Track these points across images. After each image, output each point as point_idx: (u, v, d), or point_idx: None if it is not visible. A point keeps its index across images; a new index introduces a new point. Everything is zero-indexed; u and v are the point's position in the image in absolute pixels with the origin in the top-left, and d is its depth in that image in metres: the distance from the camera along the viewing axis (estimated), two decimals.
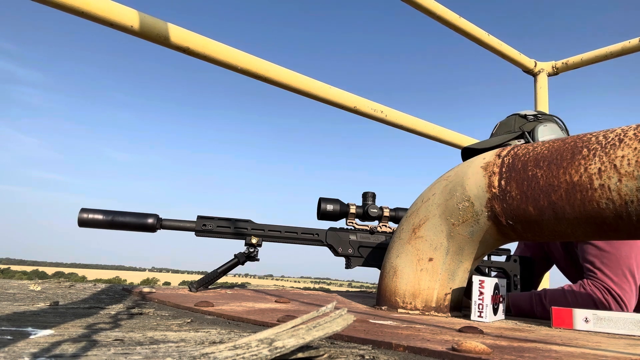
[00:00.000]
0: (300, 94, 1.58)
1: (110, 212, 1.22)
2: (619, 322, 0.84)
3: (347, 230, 1.42)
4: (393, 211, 1.43)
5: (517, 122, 1.43)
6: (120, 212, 1.23)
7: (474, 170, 1.00)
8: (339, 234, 1.40)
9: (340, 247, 1.39)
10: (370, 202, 1.42)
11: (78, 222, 1.21)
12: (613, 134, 0.83)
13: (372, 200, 1.42)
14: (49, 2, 1.07)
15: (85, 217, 1.20)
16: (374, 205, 1.41)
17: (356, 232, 1.42)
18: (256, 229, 1.34)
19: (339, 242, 1.39)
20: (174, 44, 1.27)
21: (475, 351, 0.53)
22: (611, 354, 0.59)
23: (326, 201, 1.38)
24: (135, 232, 1.27)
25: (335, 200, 1.39)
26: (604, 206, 0.81)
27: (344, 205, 1.40)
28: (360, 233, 1.42)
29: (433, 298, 1.00)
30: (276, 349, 0.40)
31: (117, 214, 1.23)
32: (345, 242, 1.40)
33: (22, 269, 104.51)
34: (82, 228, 1.23)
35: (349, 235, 1.41)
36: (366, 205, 1.41)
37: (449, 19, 1.88)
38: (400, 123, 1.88)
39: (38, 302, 0.95)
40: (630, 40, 2.05)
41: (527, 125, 1.39)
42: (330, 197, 1.39)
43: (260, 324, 0.78)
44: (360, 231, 1.42)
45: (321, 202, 1.38)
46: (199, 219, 1.30)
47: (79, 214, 1.20)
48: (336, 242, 1.39)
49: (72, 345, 0.51)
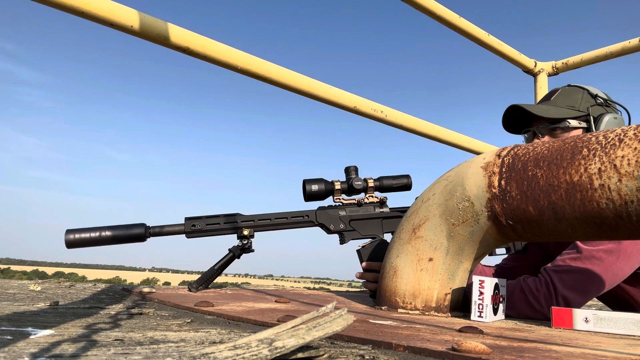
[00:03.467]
0: (300, 94, 1.58)
1: (97, 228, 1.20)
2: (619, 322, 0.84)
3: (336, 207, 1.42)
4: (377, 181, 1.43)
5: (584, 99, 1.27)
6: (107, 227, 1.21)
7: (474, 170, 1.00)
8: (328, 212, 1.41)
9: (331, 225, 1.39)
10: (353, 175, 1.42)
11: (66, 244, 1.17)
12: (613, 134, 0.83)
13: (355, 173, 1.43)
14: (49, 2, 1.07)
15: (72, 237, 1.18)
16: (357, 177, 1.41)
17: (344, 207, 1.42)
18: (246, 220, 1.34)
19: (329, 220, 1.40)
20: (174, 44, 1.27)
21: (475, 351, 0.53)
22: (611, 354, 0.59)
23: (310, 182, 1.38)
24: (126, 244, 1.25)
25: (319, 179, 1.39)
26: (604, 206, 0.81)
27: (329, 183, 1.40)
28: (348, 207, 1.42)
29: (433, 298, 1.00)
30: (276, 349, 0.40)
31: (104, 229, 1.21)
32: (336, 218, 1.40)
33: (22, 269, 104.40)
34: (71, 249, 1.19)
35: (338, 211, 1.41)
36: (350, 180, 1.41)
37: (449, 19, 1.88)
38: (400, 123, 1.88)
39: (38, 302, 0.95)
40: (630, 40, 2.05)
41: (595, 108, 1.25)
42: (313, 178, 1.39)
43: (260, 324, 0.78)
44: (348, 205, 1.43)
45: (305, 183, 1.38)
46: (187, 221, 1.30)
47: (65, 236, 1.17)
48: (327, 220, 1.40)
49: (72, 345, 0.51)
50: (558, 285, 1.05)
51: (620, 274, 1.09)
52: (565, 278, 1.06)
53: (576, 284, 1.05)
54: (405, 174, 1.47)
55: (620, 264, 1.07)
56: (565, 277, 1.06)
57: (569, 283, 1.06)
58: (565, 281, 1.06)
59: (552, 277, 1.07)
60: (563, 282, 1.06)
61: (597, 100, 1.27)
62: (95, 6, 1.12)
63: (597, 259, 1.07)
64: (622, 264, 1.07)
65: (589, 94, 1.29)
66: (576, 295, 1.05)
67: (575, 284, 1.05)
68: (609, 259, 1.07)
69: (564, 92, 1.32)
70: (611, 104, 1.28)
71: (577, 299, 1.06)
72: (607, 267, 1.07)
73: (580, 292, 1.05)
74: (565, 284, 1.05)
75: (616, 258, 1.07)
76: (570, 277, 1.06)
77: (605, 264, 1.07)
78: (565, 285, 1.05)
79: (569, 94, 1.31)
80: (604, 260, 1.07)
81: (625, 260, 1.08)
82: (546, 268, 1.10)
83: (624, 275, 1.10)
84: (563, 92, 1.33)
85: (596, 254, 1.07)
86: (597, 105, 1.26)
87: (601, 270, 1.07)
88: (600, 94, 1.30)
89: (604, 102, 1.27)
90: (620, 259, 1.08)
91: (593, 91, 1.30)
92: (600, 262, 1.07)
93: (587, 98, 1.28)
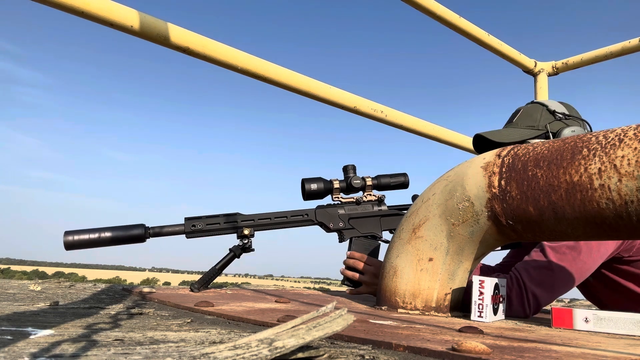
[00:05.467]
0: (300, 94, 1.58)
1: (96, 229, 1.20)
2: (619, 322, 0.84)
3: (335, 206, 1.44)
4: (375, 179, 1.45)
5: (543, 116, 1.31)
6: (106, 228, 1.21)
7: (474, 171, 1.00)
8: (328, 210, 1.42)
9: (331, 223, 1.41)
10: (351, 174, 1.44)
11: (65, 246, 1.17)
12: (613, 134, 0.83)
13: (354, 172, 1.44)
14: (49, 2, 1.07)
15: (71, 239, 1.17)
16: (356, 176, 1.43)
17: (343, 205, 1.44)
18: (246, 219, 1.35)
19: (329, 219, 1.41)
20: (174, 44, 1.27)
21: (475, 351, 0.53)
22: (611, 354, 0.59)
23: (309, 181, 1.39)
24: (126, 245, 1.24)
25: (317, 178, 1.40)
26: (604, 206, 0.81)
27: (327, 182, 1.41)
28: (347, 206, 1.44)
29: (433, 298, 1.00)
30: (276, 349, 0.40)
31: (104, 230, 1.20)
32: (335, 216, 1.42)
33: (22, 269, 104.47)
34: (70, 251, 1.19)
35: (337, 209, 1.43)
36: (348, 178, 1.43)
37: (449, 19, 1.88)
38: (400, 123, 1.88)
39: (38, 302, 0.95)
40: (630, 40, 2.05)
41: (554, 124, 1.29)
42: (312, 177, 1.40)
43: (260, 324, 0.78)
44: (347, 204, 1.44)
45: (304, 182, 1.39)
46: (187, 221, 1.30)
47: (64, 238, 1.17)
48: (326, 218, 1.41)
49: (72, 345, 0.51)
50: (527, 283, 1.08)
51: (585, 268, 1.12)
52: (533, 275, 1.09)
53: (543, 280, 1.09)
54: (402, 172, 1.49)
55: (584, 258, 1.11)
56: (534, 273, 1.09)
57: (537, 280, 1.09)
58: (534, 278, 1.09)
59: (522, 274, 1.10)
60: (531, 278, 1.09)
61: (556, 116, 1.30)
62: (95, 6, 1.12)
63: (561, 254, 1.10)
64: (585, 257, 1.11)
65: (547, 111, 1.33)
66: (543, 291, 1.09)
67: (543, 280, 1.09)
68: (572, 253, 1.10)
69: (524, 112, 1.36)
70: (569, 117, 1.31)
71: (544, 295, 1.09)
72: (571, 262, 1.10)
73: (547, 287, 1.09)
74: (533, 280, 1.09)
75: (578, 253, 1.11)
76: (538, 273, 1.09)
77: (569, 259, 1.10)
78: (533, 282, 1.08)
79: (529, 114, 1.35)
80: (567, 255, 1.10)
81: (587, 254, 1.11)
82: (517, 266, 1.13)
83: (589, 269, 1.14)
84: (524, 112, 1.37)
85: (559, 250, 1.11)
86: (555, 121, 1.30)
87: (565, 266, 1.10)
88: (560, 108, 1.33)
89: (564, 116, 1.30)
90: (582, 253, 1.11)
91: (552, 107, 1.33)
92: (563, 257, 1.10)
93: (545, 115, 1.32)
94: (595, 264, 1.14)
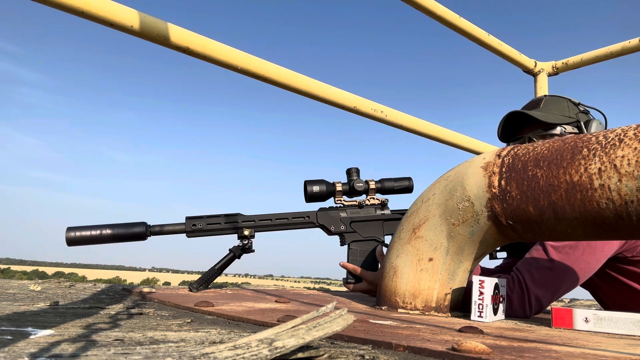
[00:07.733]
0: (300, 94, 1.58)
1: (98, 226, 1.20)
2: (619, 322, 0.84)
3: (337, 209, 1.43)
4: (379, 183, 1.44)
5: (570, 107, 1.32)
6: (107, 225, 1.21)
7: (474, 170, 1.00)
8: (329, 213, 1.41)
9: (332, 226, 1.40)
10: (355, 177, 1.43)
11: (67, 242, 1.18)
12: (613, 134, 0.83)
13: (357, 175, 1.43)
14: (49, 2, 1.07)
15: (73, 235, 1.18)
16: (359, 179, 1.42)
17: (345, 208, 1.43)
18: (247, 220, 1.34)
19: (330, 221, 1.40)
20: (174, 44, 1.27)
21: (475, 351, 0.53)
22: (611, 354, 0.59)
23: (312, 183, 1.38)
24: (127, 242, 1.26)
25: (320, 181, 1.39)
26: (604, 206, 0.81)
27: (330, 184, 1.40)
28: (349, 209, 1.43)
29: (433, 298, 1.00)
30: (276, 349, 0.40)
31: (105, 227, 1.21)
32: (337, 219, 1.41)
33: (22, 269, 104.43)
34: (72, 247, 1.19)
35: (339, 212, 1.42)
36: (352, 181, 1.42)
37: (449, 19, 1.88)
38: (400, 123, 1.87)
39: (38, 302, 0.95)
40: (630, 40, 2.05)
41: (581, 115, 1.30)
42: (315, 179, 1.39)
43: (260, 324, 0.78)
44: (349, 207, 1.43)
45: (307, 184, 1.38)
46: (188, 220, 1.30)
47: (66, 234, 1.17)
48: (328, 221, 1.40)
49: (71, 345, 0.51)
50: (530, 285, 1.08)
51: (588, 268, 1.12)
52: (536, 276, 1.08)
53: (546, 281, 1.08)
54: (407, 176, 1.47)
55: (586, 258, 1.10)
56: (536, 275, 1.09)
57: (540, 282, 1.08)
58: (536, 280, 1.08)
59: (524, 276, 1.09)
60: (534, 280, 1.08)
61: (580, 107, 1.32)
62: (95, 6, 1.12)
63: (563, 254, 1.10)
64: (587, 257, 1.10)
65: (570, 102, 1.34)
66: (546, 293, 1.08)
67: (545, 281, 1.08)
68: (575, 253, 1.10)
69: (550, 101, 1.35)
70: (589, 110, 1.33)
71: (547, 297, 1.08)
72: (573, 262, 1.10)
73: (550, 289, 1.08)
74: (536, 282, 1.08)
75: (582, 252, 1.10)
76: (541, 275, 1.09)
77: (572, 259, 1.09)
78: (536, 284, 1.08)
79: (556, 102, 1.34)
80: (570, 256, 1.09)
81: (590, 254, 1.11)
82: (518, 267, 1.12)
83: (592, 269, 1.13)
84: (549, 100, 1.35)
85: (562, 250, 1.10)
86: (580, 113, 1.31)
87: (569, 265, 1.10)
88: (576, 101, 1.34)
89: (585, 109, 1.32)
90: (585, 253, 1.10)
91: (574, 99, 1.34)
92: (566, 256, 1.09)
93: (572, 106, 1.33)
94: (598, 263, 1.14)
